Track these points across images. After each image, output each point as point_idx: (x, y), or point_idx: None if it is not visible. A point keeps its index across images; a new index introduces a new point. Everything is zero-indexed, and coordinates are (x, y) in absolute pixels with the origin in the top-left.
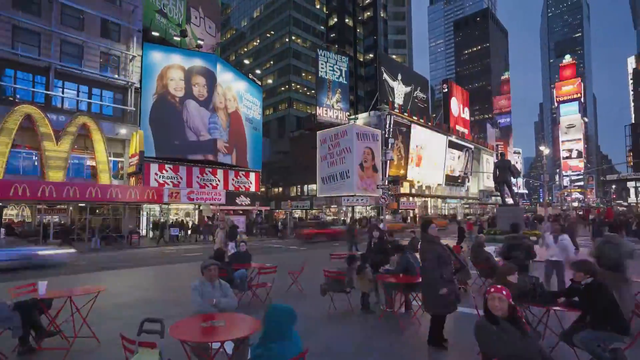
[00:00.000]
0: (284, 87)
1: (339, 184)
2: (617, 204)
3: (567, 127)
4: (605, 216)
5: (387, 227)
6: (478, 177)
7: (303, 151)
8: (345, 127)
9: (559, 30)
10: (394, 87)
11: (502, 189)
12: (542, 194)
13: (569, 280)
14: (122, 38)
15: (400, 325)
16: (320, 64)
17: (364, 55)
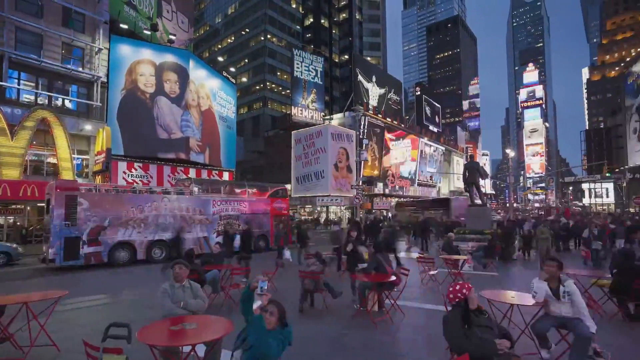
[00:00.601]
0: (259, 86)
1: (314, 184)
2: (574, 204)
3: (531, 132)
4: (563, 215)
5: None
6: (449, 178)
7: (278, 151)
8: (320, 127)
9: (523, 40)
10: (368, 89)
11: (471, 190)
12: (508, 195)
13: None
14: (87, 29)
15: (373, 324)
16: (295, 63)
17: (340, 56)
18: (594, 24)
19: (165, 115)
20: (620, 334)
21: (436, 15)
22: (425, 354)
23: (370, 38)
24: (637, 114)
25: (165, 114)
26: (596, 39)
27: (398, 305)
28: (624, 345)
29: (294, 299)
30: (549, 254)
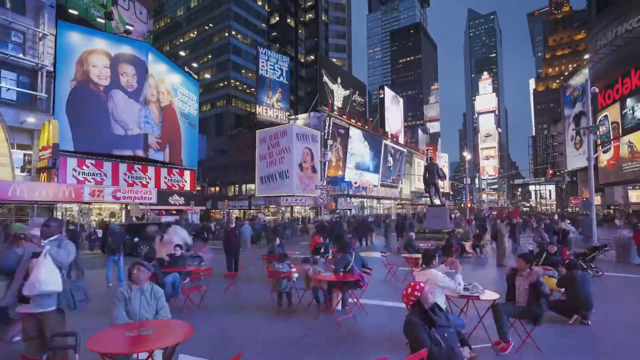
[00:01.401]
0: (223, 83)
1: (278, 184)
2: (522, 204)
3: (485, 136)
4: (514, 215)
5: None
6: (410, 179)
7: (242, 150)
8: (285, 127)
9: (478, 50)
10: (333, 90)
11: (431, 191)
12: (464, 195)
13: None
14: (29, 11)
15: (337, 322)
16: (261, 62)
17: (305, 56)
18: (539, 39)
19: (122, 110)
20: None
21: (399, 21)
22: (387, 350)
23: (336, 40)
24: (573, 123)
25: (122, 109)
26: (540, 53)
27: (361, 304)
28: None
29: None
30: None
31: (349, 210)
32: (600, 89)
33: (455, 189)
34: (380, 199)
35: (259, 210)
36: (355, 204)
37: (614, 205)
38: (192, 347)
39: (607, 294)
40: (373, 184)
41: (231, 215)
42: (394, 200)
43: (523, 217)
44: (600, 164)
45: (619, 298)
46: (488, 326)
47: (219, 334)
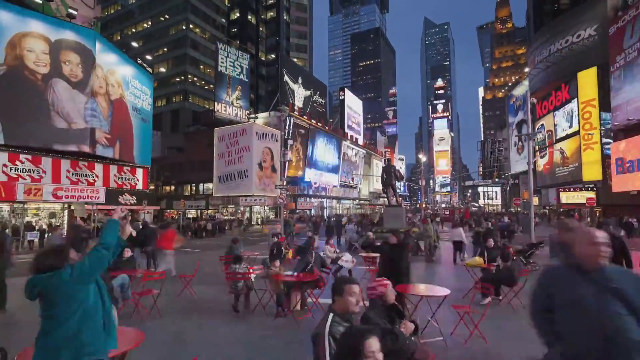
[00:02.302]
0: (179, 78)
1: (237, 183)
2: (472, 204)
3: (439, 140)
4: (464, 215)
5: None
6: (369, 180)
7: (199, 148)
8: (245, 125)
9: (433, 57)
10: (294, 90)
11: (388, 191)
12: (420, 196)
13: None
14: None
15: (296, 323)
16: (220, 57)
17: (266, 54)
18: (487, 51)
19: (64, 101)
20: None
21: (360, 25)
22: None
23: (297, 40)
24: (516, 129)
25: (64, 101)
26: (488, 64)
27: (320, 304)
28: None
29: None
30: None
31: (308, 210)
32: (538, 100)
33: (411, 190)
34: (340, 199)
35: (216, 210)
36: (315, 204)
37: (549, 206)
38: (143, 355)
39: None
40: (332, 184)
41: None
42: (353, 200)
43: (474, 218)
44: (538, 168)
45: None
46: (440, 320)
47: (173, 340)
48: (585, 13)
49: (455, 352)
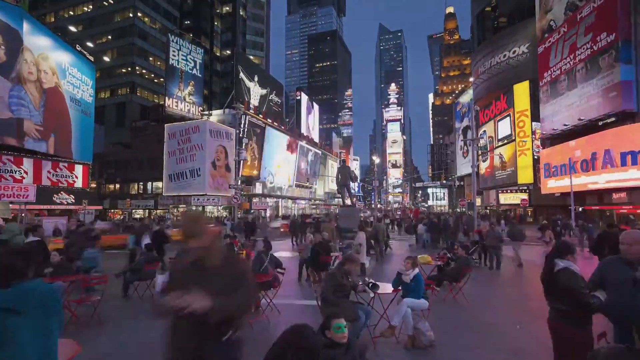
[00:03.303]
0: (126, 69)
1: (189, 182)
2: (422, 205)
3: (392, 142)
4: (414, 215)
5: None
6: (324, 180)
7: (148, 144)
8: (198, 122)
9: (387, 62)
10: (250, 88)
11: (343, 192)
12: (373, 197)
13: None
14: None
15: (249, 324)
16: (171, 50)
17: (221, 50)
18: (436, 59)
19: None
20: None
21: (317, 26)
22: None
23: (253, 37)
24: (462, 134)
25: None
26: (437, 71)
27: (274, 304)
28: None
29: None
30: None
31: (263, 210)
32: (481, 108)
33: (365, 190)
34: (295, 199)
35: (166, 210)
36: (270, 203)
37: (489, 206)
38: None
39: (482, 280)
40: (288, 184)
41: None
42: (308, 200)
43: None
44: (481, 171)
45: (489, 283)
46: (391, 316)
47: (115, 350)
48: (519, 32)
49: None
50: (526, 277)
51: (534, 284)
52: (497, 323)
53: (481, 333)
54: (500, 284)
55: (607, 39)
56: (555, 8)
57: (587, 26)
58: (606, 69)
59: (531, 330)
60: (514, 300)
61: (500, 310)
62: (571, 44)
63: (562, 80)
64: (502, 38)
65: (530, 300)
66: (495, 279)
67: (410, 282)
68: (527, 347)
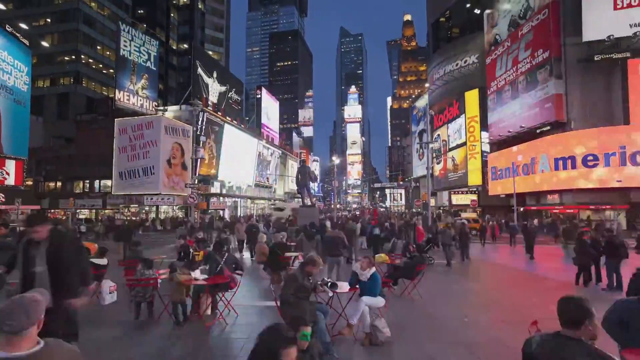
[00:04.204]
0: (69, 57)
1: (141, 181)
2: (380, 205)
3: (352, 144)
4: (373, 215)
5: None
6: (284, 180)
7: (95, 139)
8: (152, 118)
9: (348, 64)
10: (208, 84)
11: (303, 192)
12: (332, 197)
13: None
14: None
15: (206, 328)
16: (122, 40)
17: (178, 43)
18: (395, 64)
19: None
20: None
21: (279, 25)
22: None
23: (212, 32)
24: (418, 137)
25: None
26: (396, 76)
27: (232, 306)
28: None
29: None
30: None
31: (221, 210)
32: (435, 113)
33: (325, 190)
34: (254, 199)
35: (116, 210)
36: (229, 203)
37: (443, 207)
38: None
39: (433, 276)
40: (247, 184)
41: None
42: (268, 200)
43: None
44: (435, 173)
45: (440, 279)
46: (350, 315)
47: None
48: (469, 43)
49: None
50: (474, 273)
51: (481, 279)
52: (448, 317)
53: (434, 328)
54: (453, 280)
55: (543, 55)
56: (500, 23)
57: (527, 42)
58: (542, 82)
59: (479, 323)
60: (463, 294)
61: (452, 305)
62: (514, 57)
63: (507, 90)
64: (455, 48)
65: (477, 295)
66: (448, 276)
67: (367, 281)
68: (477, 339)
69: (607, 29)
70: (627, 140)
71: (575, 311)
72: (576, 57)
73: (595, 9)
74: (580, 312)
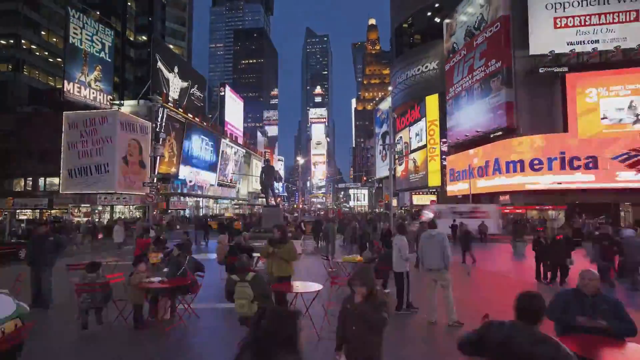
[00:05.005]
0: (8, 42)
1: (95, 179)
2: (344, 205)
3: (317, 144)
4: (337, 215)
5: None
6: (248, 180)
7: (39, 133)
8: (106, 112)
9: (314, 65)
10: (169, 79)
11: (267, 192)
12: (297, 197)
13: None
14: None
15: (166, 332)
16: (72, 27)
17: (136, 35)
18: (359, 67)
19: None
20: None
21: (244, 22)
22: (219, 351)
23: (174, 25)
24: (381, 139)
25: None
26: (360, 78)
27: (192, 309)
28: None
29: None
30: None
31: (182, 210)
32: (398, 116)
33: (289, 190)
34: (217, 198)
35: (64, 210)
36: (190, 203)
37: (404, 206)
38: None
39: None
40: (210, 183)
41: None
42: (231, 200)
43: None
44: (397, 174)
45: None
46: (313, 314)
47: None
48: (430, 49)
49: (326, 342)
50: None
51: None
52: (406, 314)
53: (392, 326)
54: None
55: (496, 65)
56: (457, 33)
57: (481, 52)
58: (495, 90)
59: (440, 321)
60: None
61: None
62: (469, 65)
63: (464, 96)
64: (417, 53)
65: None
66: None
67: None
68: (436, 337)
69: (549, 44)
70: (566, 146)
71: (533, 306)
72: (524, 69)
73: (538, 26)
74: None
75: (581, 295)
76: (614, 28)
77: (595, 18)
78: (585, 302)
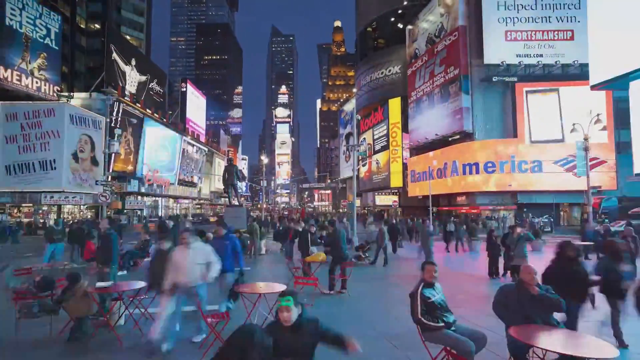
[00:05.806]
0: None
1: (39, 177)
2: (308, 205)
3: (281, 143)
4: (301, 215)
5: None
6: (210, 179)
7: None
8: (53, 104)
9: (279, 64)
10: (125, 72)
11: (230, 191)
12: (261, 197)
13: None
14: None
15: (118, 340)
16: (10, 8)
17: (87, 22)
18: (325, 67)
19: None
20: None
21: (207, 16)
22: (179, 353)
23: (131, 15)
24: (345, 140)
25: None
26: (325, 79)
27: (149, 313)
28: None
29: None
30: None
31: (139, 210)
32: (362, 117)
33: (253, 190)
34: (178, 198)
35: (1, 210)
36: (148, 203)
37: (367, 207)
38: None
39: (369, 276)
40: (170, 182)
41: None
42: (193, 199)
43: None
44: (360, 175)
45: (373, 279)
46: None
47: None
48: (393, 54)
49: None
50: (393, 269)
51: (399, 275)
52: (368, 311)
53: (357, 322)
54: (376, 277)
55: (454, 72)
56: (419, 39)
57: (441, 59)
58: (453, 96)
59: (397, 315)
60: (384, 290)
61: (373, 300)
62: (430, 71)
63: (425, 100)
64: (381, 57)
65: (395, 288)
66: (374, 273)
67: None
68: (394, 330)
69: (501, 55)
70: (516, 150)
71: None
72: (479, 77)
73: (491, 37)
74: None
75: (523, 289)
76: (555, 44)
77: (540, 34)
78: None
